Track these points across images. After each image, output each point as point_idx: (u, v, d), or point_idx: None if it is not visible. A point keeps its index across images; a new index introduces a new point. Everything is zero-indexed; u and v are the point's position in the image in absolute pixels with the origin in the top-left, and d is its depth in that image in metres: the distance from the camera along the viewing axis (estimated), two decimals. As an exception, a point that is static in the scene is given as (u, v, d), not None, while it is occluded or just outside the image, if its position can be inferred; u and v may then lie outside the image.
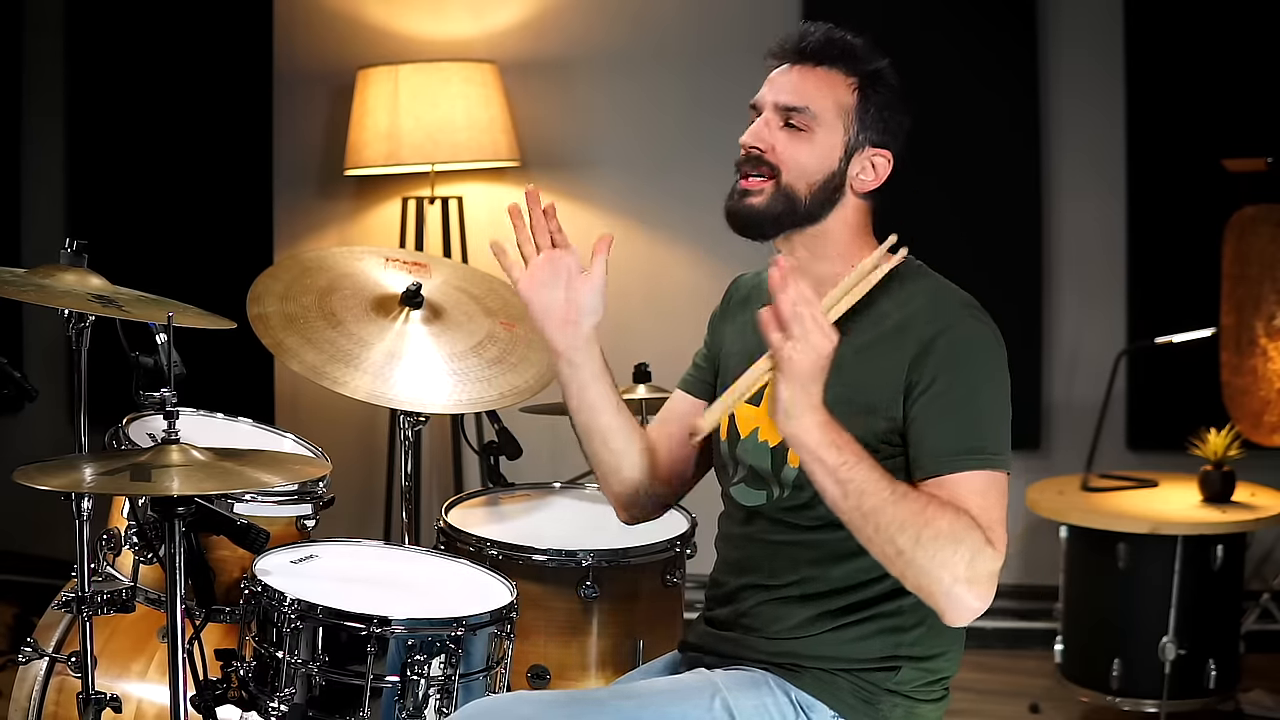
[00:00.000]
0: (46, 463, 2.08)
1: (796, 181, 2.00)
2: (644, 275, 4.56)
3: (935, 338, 1.92)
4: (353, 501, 4.60)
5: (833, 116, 2.00)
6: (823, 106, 2.00)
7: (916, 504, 1.80)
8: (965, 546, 1.78)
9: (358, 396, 2.56)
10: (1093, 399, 4.21)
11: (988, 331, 1.95)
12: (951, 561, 1.78)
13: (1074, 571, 3.77)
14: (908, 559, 1.79)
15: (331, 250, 2.88)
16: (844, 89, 2.00)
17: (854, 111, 2.00)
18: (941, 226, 4.30)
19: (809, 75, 2.01)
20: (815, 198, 2.00)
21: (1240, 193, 3.91)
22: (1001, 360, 1.94)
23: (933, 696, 2.00)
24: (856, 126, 2.00)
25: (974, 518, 1.81)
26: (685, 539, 2.61)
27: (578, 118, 4.67)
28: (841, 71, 2.01)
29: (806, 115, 1.99)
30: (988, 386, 1.92)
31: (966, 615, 1.81)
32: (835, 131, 2.00)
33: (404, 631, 2.09)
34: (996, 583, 1.81)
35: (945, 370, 1.90)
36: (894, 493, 1.80)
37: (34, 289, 2.24)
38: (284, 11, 4.79)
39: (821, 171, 2.00)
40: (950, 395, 1.89)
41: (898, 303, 1.97)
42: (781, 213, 2.00)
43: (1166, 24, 4.26)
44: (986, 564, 1.79)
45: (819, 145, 2.00)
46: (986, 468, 1.86)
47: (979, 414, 1.89)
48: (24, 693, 2.51)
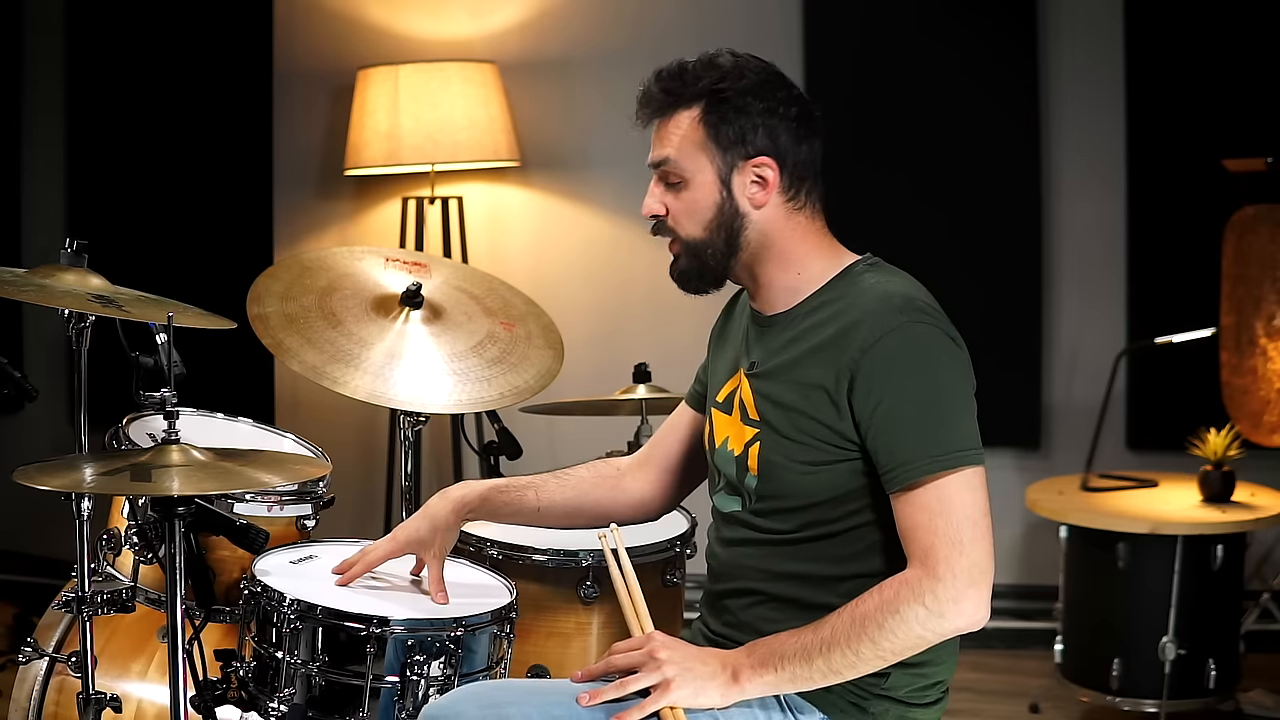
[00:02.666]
0: (46, 463, 2.08)
1: (694, 231, 2.00)
2: (644, 275, 4.56)
3: (867, 350, 1.88)
4: (353, 501, 4.60)
5: (694, 153, 1.98)
6: (681, 151, 1.99)
7: (842, 624, 1.84)
8: (907, 607, 1.81)
9: (358, 396, 2.56)
10: (1093, 399, 4.21)
11: (928, 331, 1.90)
12: (907, 625, 1.81)
13: (1074, 571, 3.77)
14: (886, 656, 1.84)
15: (331, 250, 2.88)
16: (690, 124, 1.98)
17: (707, 141, 1.97)
18: (941, 227, 4.31)
19: (662, 128, 2.01)
20: (719, 235, 1.99)
21: (1240, 193, 3.91)
22: (949, 356, 1.90)
23: (927, 700, 1.99)
24: (718, 152, 1.97)
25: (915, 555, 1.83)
26: (685, 539, 2.61)
27: (578, 118, 4.67)
28: (683, 109, 1.98)
29: (672, 166, 2.00)
30: (934, 387, 1.88)
31: (970, 628, 1.84)
32: (704, 168, 1.98)
33: (403, 632, 2.09)
34: (976, 586, 1.81)
35: (888, 381, 1.87)
36: (824, 638, 1.84)
37: (34, 289, 2.24)
38: (284, 11, 4.79)
39: (709, 210, 1.99)
40: (897, 406, 1.87)
41: (840, 308, 1.95)
42: (701, 266, 2.01)
43: (1166, 24, 4.26)
44: (945, 594, 1.80)
45: (697, 189, 1.99)
46: (945, 470, 1.84)
47: (928, 418, 1.86)
48: (24, 693, 2.51)
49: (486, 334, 2.75)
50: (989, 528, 1.85)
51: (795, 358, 1.96)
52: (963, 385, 1.90)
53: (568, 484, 2.29)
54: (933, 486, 1.84)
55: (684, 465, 2.29)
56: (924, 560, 1.82)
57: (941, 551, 1.81)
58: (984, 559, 1.82)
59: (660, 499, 2.31)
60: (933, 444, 1.84)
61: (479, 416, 3.60)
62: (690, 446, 2.27)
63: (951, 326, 1.93)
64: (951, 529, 1.82)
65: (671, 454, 2.29)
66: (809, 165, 2.00)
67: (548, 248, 4.64)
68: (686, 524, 2.65)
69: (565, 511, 2.29)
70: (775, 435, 1.97)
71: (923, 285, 1.99)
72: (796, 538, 1.97)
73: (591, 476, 2.31)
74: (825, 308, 1.97)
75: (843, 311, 1.94)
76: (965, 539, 1.82)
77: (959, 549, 1.81)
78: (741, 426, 2.03)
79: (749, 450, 2.01)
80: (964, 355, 1.92)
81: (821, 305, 1.97)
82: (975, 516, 1.83)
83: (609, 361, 4.14)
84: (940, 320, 1.92)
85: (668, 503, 2.33)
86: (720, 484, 2.10)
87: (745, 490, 2.02)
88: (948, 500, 1.83)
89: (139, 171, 4.87)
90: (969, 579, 1.81)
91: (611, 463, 2.34)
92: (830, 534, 1.95)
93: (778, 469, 1.97)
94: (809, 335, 1.96)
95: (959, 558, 1.81)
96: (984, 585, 1.82)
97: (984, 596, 1.82)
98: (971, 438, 1.87)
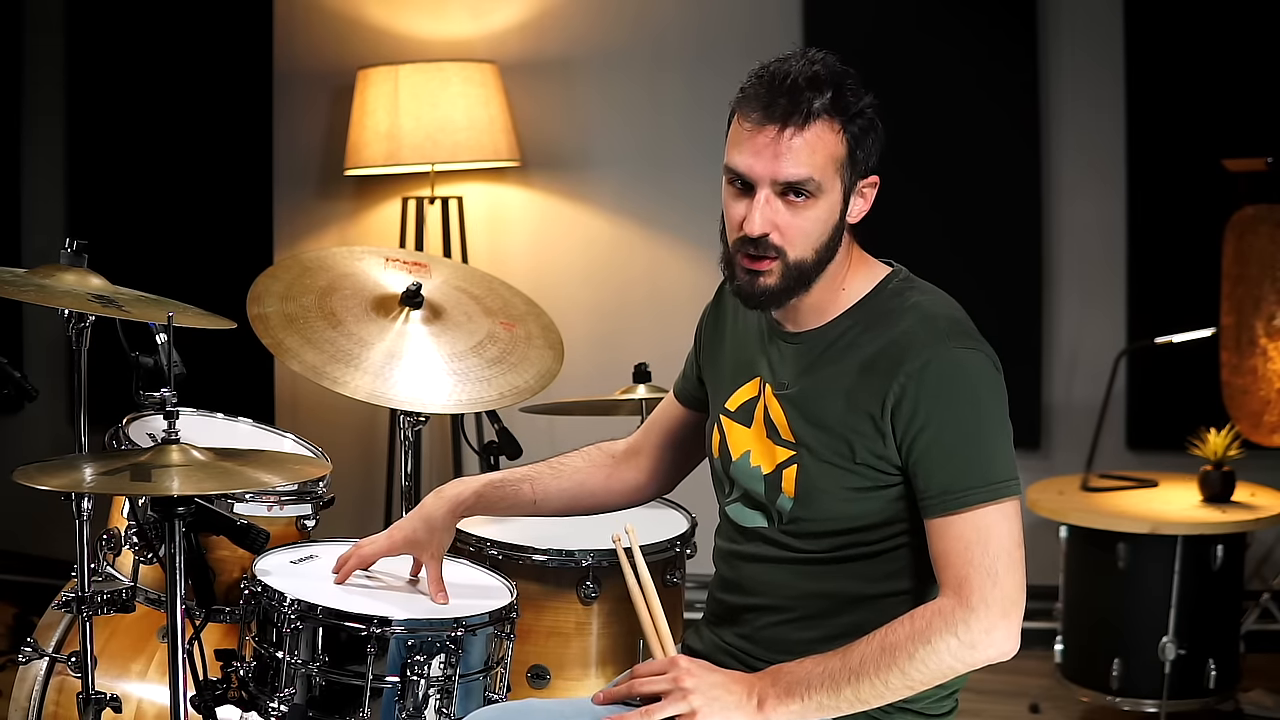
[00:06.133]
0: (46, 463, 2.08)
1: (804, 252, 1.88)
2: (644, 275, 4.56)
3: (913, 376, 1.84)
4: (353, 501, 4.60)
5: (832, 174, 1.85)
6: (824, 171, 1.84)
7: (871, 653, 1.80)
8: (939, 638, 1.78)
9: (358, 396, 2.56)
10: (1093, 399, 4.21)
11: (974, 358, 1.86)
12: (938, 656, 1.79)
13: (1074, 571, 3.77)
14: (915, 685, 1.82)
15: (331, 250, 2.88)
16: (835, 141, 1.84)
17: (846, 160, 1.86)
18: (941, 227, 4.31)
19: (801, 137, 1.82)
20: (824, 256, 1.89)
21: (1240, 193, 3.91)
22: (993, 384, 1.86)
23: (943, 711, 1.99)
24: (850, 172, 1.87)
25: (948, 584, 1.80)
26: (685, 539, 2.61)
27: (578, 118, 4.67)
28: (827, 119, 1.83)
29: (810, 185, 1.84)
30: (977, 416, 1.85)
31: (999, 659, 1.82)
32: (835, 188, 1.86)
33: (404, 632, 2.09)
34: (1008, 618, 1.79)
35: (933, 408, 1.83)
36: (852, 667, 1.80)
37: (34, 289, 2.24)
38: (284, 11, 4.80)
39: (826, 232, 1.88)
40: (940, 433, 1.83)
41: (880, 330, 1.90)
42: (795, 284, 1.90)
43: (1166, 24, 4.26)
44: (978, 626, 1.78)
45: (822, 208, 1.86)
46: (984, 501, 1.81)
47: (970, 447, 1.83)
48: (24, 693, 2.51)
49: (486, 334, 2.75)
50: (1022, 559, 1.82)
51: (834, 378, 1.91)
52: (1002, 413, 1.87)
53: (563, 475, 2.29)
54: (971, 516, 1.81)
55: (676, 454, 2.28)
56: (958, 590, 1.80)
57: (976, 582, 1.79)
58: (1016, 591, 1.80)
59: (653, 485, 2.32)
60: (974, 474, 1.82)
61: (479, 416, 3.60)
62: (681, 437, 2.26)
63: (990, 349, 1.89)
64: (988, 560, 1.80)
65: (663, 443, 2.28)
66: None
67: (548, 248, 4.64)
68: (686, 524, 2.65)
69: (562, 503, 2.29)
70: (816, 460, 1.92)
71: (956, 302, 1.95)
72: (830, 558, 1.94)
73: (586, 466, 2.30)
74: (862, 327, 1.92)
75: (885, 333, 1.89)
76: (1000, 570, 1.79)
77: (994, 580, 1.79)
78: (772, 446, 1.98)
79: (783, 472, 1.96)
80: (1002, 381, 1.88)
81: (857, 324, 1.92)
82: (1010, 548, 1.81)
83: (609, 361, 4.14)
84: (982, 344, 1.88)
85: (661, 489, 2.33)
86: (735, 495, 2.05)
87: (776, 510, 1.98)
88: (985, 531, 1.81)
89: (139, 171, 4.87)
90: (1002, 610, 1.79)
91: (604, 448, 2.32)
92: (865, 555, 1.93)
93: (819, 494, 1.92)
94: (848, 355, 1.91)
95: (993, 589, 1.79)
96: (1015, 617, 1.80)
97: (1015, 628, 1.80)
98: (1010, 468, 1.84)
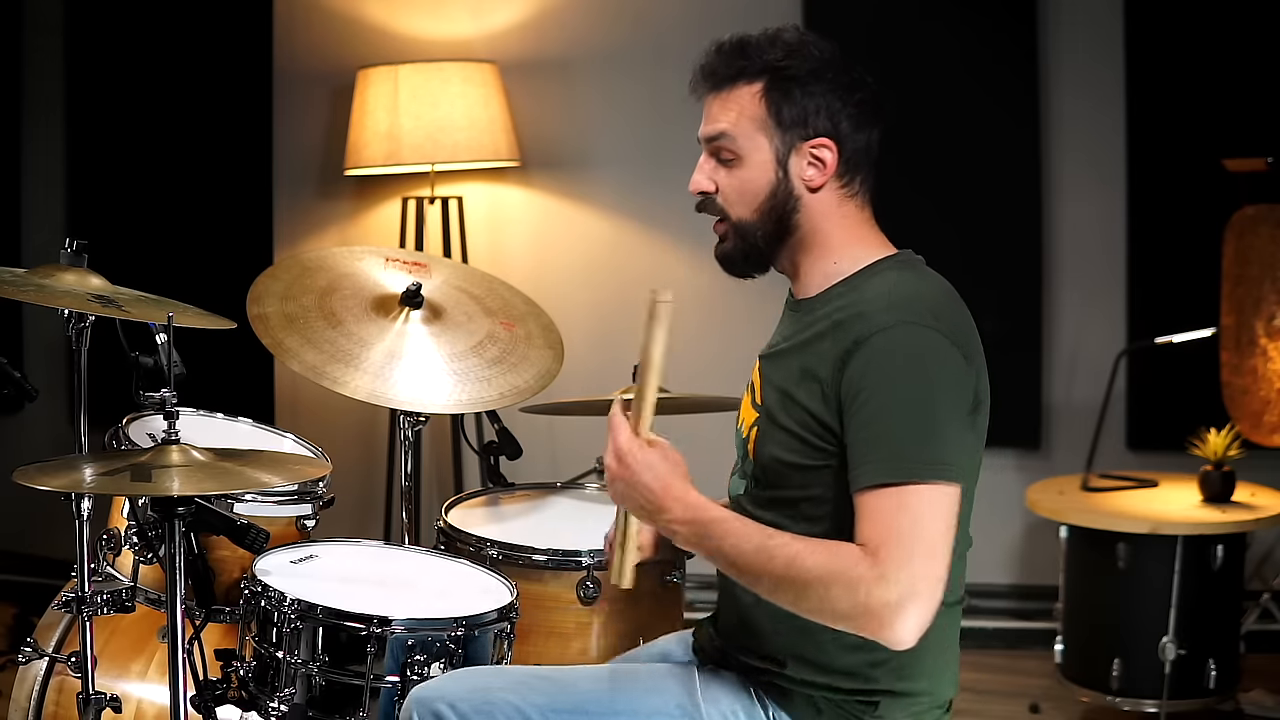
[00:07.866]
0: (46, 463, 2.08)
1: (743, 212, 1.94)
2: (644, 275, 4.55)
3: (861, 343, 1.81)
4: (353, 501, 4.60)
5: (752, 131, 1.92)
6: (739, 127, 1.92)
7: (784, 556, 1.73)
8: (839, 584, 1.69)
9: (358, 396, 2.56)
10: (1093, 399, 4.21)
11: (925, 334, 1.80)
12: (828, 603, 1.70)
13: (1074, 571, 3.77)
14: (800, 613, 1.75)
15: (331, 250, 2.88)
16: (750, 99, 1.92)
17: (767, 118, 1.91)
18: (941, 226, 4.30)
19: (718, 100, 1.95)
20: (768, 218, 1.93)
21: (1240, 193, 3.91)
22: (944, 365, 1.80)
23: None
24: (778, 131, 1.91)
25: (867, 546, 1.70)
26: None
27: (578, 118, 4.67)
28: (744, 82, 1.93)
29: (727, 141, 1.93)
30: (919, 393, 1.77)
31: (893, 643, 1.69)
32: (761, 147, 1.92)
33: (404, 632, 2.10)
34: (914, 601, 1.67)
35: (876, 378, 1.78)
36: (766, 555, 1.75)
37: (34, 289, 2.24)
38: (284, 11, 4.79)
39: (762, 191, 1.93)
40: (868, 408, 1.78)
41: (851, 300, 1.90)
42: (747, 249, 1.96)
43: (1166, 23, 4.26)
44: (878, 594, 1.67)
45: (751, 167, 1.93)
46: (903, 481, 1.72)
47: (907, 422, 1.76)
48: (24, 693, 2.51)
49: (486, 334, 2.75)
50: (947, 552, 1.71)
51: (799, 344, 1.93)
52: (951, 397, 1.80)
53: None
54: (895, 492, 1.72)
55: None
56: (875, 554, 1.70)
57: (892, 550, 1.69)
58: (932, 578, 1.69)
59: None
60: (910, 450, 1.74)
61: (479, 416, 3.60)
62: None
63: (963, 338, 1.84)
64: (904, 536, 1.70)
65: None
66: (866, 153, 1.95)
67: (548, 248, 4.64)
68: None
69: None
70: (770, 424, 1.93)
71: (953, 291, 1.92)
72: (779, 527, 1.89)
73: None
74: (841, 299, 1.92)
75: (852, 304, 1.89)
76: (919, 552, 1.69)
77: (908, 555, 1.69)
78: (750, 410, 2.01)
79: (751, 434, 1.98)
80: (958, 368, 1.81)
81: (839, 296, 1.93)
82: (936, 533, 1.71)
83: (609, 361, 4.13)
84: (944, 327, 1.82)
85: None
86: (735, 466, 2.07)
87: (751, 477, 1.99)
88: (914, 509, 1.71)
89: (139, 171, 4.87)
90: (911, 588, 1.67)
91: None
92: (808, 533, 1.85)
93: (769, 459, 1.93)
94: (818, 324, 1.92)
95: (906, 563, 1.68)
96: (922, 603, 1.68)
97: (916, 616, 1.68)
98: (951, 453, 1.75)
